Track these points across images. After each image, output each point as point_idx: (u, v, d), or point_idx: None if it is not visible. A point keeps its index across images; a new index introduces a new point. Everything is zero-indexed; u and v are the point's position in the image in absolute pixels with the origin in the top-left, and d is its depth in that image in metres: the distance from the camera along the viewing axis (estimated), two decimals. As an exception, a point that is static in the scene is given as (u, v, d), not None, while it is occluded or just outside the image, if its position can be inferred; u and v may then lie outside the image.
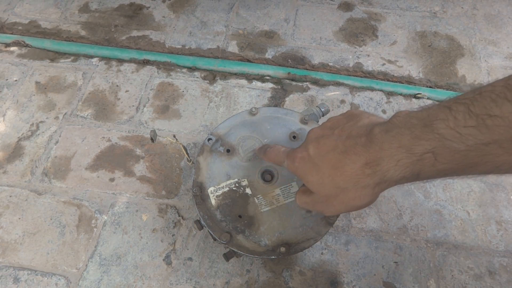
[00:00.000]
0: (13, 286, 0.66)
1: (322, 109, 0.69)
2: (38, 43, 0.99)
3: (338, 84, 0.91)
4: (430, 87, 0.91)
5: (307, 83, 0.91)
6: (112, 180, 0.77)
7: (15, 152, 0.81)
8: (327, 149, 0.41)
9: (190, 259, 0.69)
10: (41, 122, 0.86)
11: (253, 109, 0.65)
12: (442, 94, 0.88)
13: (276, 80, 0.92)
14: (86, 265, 0.68)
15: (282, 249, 0.54)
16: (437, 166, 0.33)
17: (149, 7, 1.07)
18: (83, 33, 1.02)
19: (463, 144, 0.31)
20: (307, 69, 0.94)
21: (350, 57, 0.96)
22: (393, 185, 0.38)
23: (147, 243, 0.70)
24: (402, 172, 0.35)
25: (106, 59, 0.96)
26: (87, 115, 0.87)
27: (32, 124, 0.85)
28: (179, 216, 0.73)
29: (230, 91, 0.90)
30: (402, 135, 0.34)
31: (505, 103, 0.28)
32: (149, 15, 1.05)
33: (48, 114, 0.87)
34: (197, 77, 0.93)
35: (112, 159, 0.80)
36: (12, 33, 1.02)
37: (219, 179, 0.59)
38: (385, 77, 0.92)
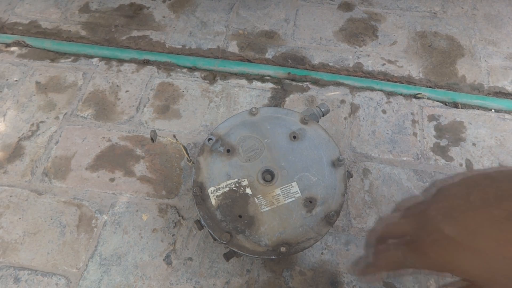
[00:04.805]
0: (13, 286, 0.66)
1: (322, 109, 0.69)
2: (38, 43, 0.99)
3: (338, 84, 0.91)
4: (430, 87, 0.91)
5: (307, 83, 0.91)
6: (112, 180, 0.77)
7: (16, 152, 0.81)
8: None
9: (190, 259, 0.69)
10: (42, 122, 0.86)
11: (253, 109, 0.65)
12: (442, 94, 0.88)
13: (276, 80, 0.92)
14: (87, 265, 0.68)
15: (282, 249, 0.54)
16: None
17: (149, 7, 1.07)
18: (83, 33, 1.02)
19: None
20: (307, 69, 0.94)
21: (350, 57, 0.96)
22: None
23: (147, 243, 0.70)
24: None
25: (107, 59, 0.96)
26: (87, 115, 0.87)
27: (33, 124, 0.85)
28: (179, 216, 0.73)
29: (230, 91, 0.90)
30: None
31: None
32: (149, 15, 1.05)
33: (49, 114, 0.87)
34: (197, 77, 0.93)
35: (112, 159, 0.80)
36: (12, 33, 1.02)
37: (219, 179, 0.59)
38: (385, 77, 0.92)
